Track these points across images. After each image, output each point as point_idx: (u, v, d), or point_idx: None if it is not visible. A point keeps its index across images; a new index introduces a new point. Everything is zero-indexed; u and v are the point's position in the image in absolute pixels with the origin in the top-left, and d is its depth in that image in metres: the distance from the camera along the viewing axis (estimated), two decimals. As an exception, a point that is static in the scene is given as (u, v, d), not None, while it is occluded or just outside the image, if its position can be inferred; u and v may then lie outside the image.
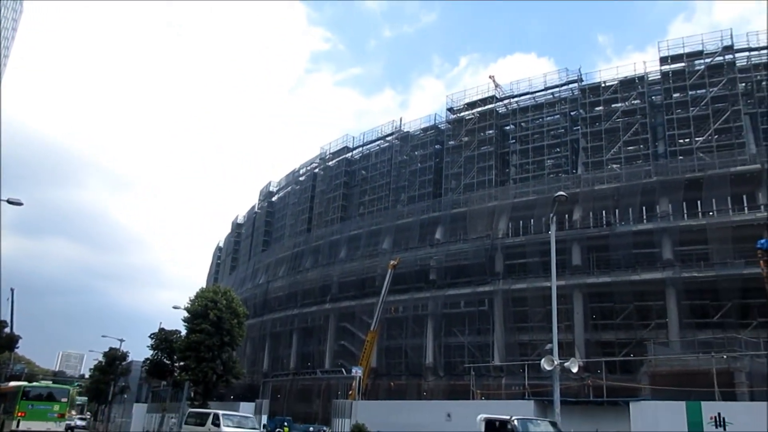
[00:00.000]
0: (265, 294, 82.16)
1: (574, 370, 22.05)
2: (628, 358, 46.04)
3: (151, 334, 51.42)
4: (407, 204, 69.86)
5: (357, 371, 47.12)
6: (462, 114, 69.89)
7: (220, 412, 28.57)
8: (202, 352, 39.89)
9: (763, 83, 56.06)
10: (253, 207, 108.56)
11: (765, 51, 56.05)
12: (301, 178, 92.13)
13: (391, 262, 57.36)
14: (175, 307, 43.60)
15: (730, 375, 34.02)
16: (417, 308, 61.35)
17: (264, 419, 43.92)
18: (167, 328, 52.62)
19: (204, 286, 51.15)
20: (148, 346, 51.12)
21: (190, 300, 42.22)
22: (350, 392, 47.93)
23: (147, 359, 53.87)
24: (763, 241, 33.88)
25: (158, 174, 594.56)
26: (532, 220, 56.77)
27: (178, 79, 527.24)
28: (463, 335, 57.91)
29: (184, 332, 43.62)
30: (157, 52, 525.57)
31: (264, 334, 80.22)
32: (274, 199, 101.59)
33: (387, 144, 77.36)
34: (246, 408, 42.32)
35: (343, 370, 54.51)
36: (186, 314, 41.54)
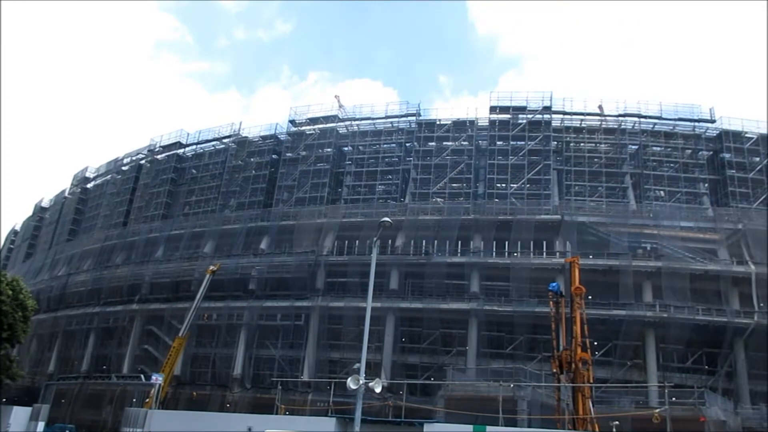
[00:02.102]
0: (64, 288, 74.47)
1: (378, 390, 22.76)
2: (429, 381, 48.70)
3: None
4: (236, 210, 67.99)
5: (157, 378, 44.31)
6: (303, 128, 70.10)
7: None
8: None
9: (571, 144, 63.31)
10: (63, 191, 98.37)
11: (576, 116, 63.61)
12: (124, 168, 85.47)
13: (211, 268, 55.23)
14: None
15: (514, 402, 37.32)
16: (232, 317, 59.57)
17: (40, 426, 39.44)
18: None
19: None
20: None
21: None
22: (147, 400, 44.93)
23: None
24: (554, 284, 37.90)
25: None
26: (357, 241, 58.25)
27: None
28: (276, 348, 57.28)
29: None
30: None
31: (55, 332, 72.52)
32: (89, 185, 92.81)
33: (223, 146, 74.93)
34: (20, 414, 37.71)
35: (142, 376, 51.03)
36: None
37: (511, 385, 35.94)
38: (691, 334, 48.01)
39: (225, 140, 74.73)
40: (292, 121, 70.65)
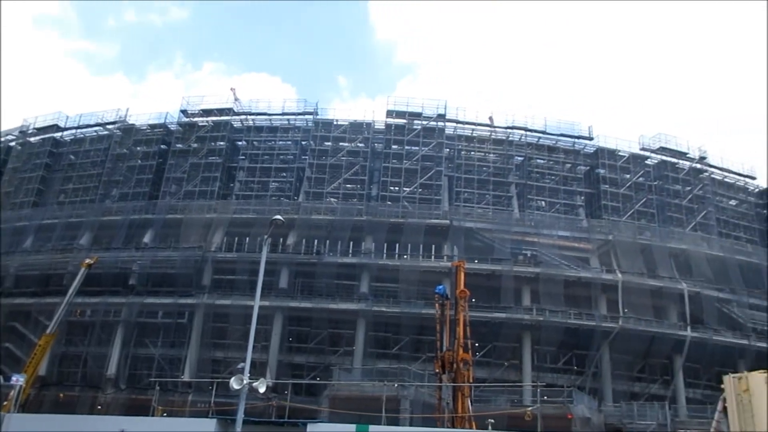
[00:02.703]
0: None
1: (262, 390, 22.34)
2: (315, 381, 48.57)
3: None
4: (118, 201, 64.26)
5: (18, 379, 40.78)
6: (196, 119, 67.55)
7: None
8: None
9: (463, 152, 65.66)
10: None
11: (468, 125, 66.04)
12: (-10, 149, 78.33)
13: (87, 260, 51.66)
14: None
15: (398, 401, 38.03)
16: (108, 314, 56.17)
17: None
18: None
19: None
20: None
21: None
22: (5, 403, 41.31)
23: None
24: (441, 287, 39.08)
25: None
26: (247, 238, 56.94)
27: None
28: (156, 347, 54.75)
29: None
30: None
31: None
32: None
33: (107, 132, 70.52)
34: None
35: (0, 377, 46.87)
36: None
37: (396, 385, 36.59)
38: (564, 337, 51.21)
39: (109, 126, 70.33)
40: (183, 111, 67.83)
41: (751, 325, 55.58)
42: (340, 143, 64.22)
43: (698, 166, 68.43)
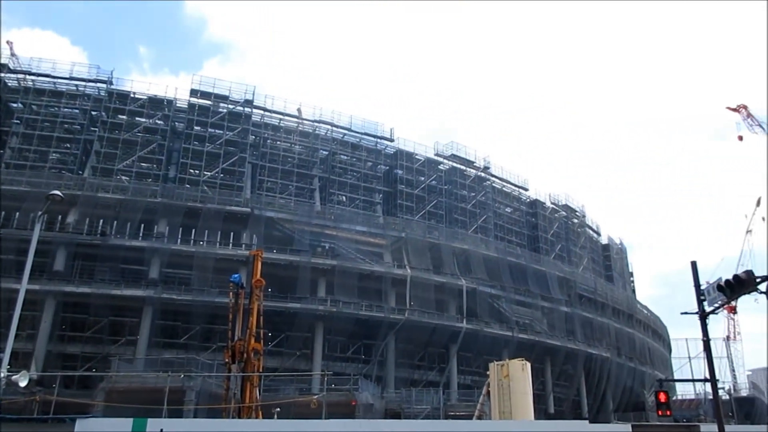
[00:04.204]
0: None
1: (23, 384, 20.06)
2: (89, 373, 44.60)
3: None
4: None
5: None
6: (-42, 71, 58.14)
7: None
8: None
9: (269, 141, 65.00)
10: None
11: (276, 114, 65.52)
12: None
13: None
14: None
15: (183, 393, 36.50)
16: None
17: None
18: None
19: None
20: None
21: None
22: None
23: None
24: (236, 276, 38.19)
25: None
26: (17, 213, 50.33)
27: None
28: None
29: None
30: None
31: None
32: None
33: None
34: None
35: None
36: None
37: (182, 376, 35.10)
38: (354, 327, 53.33)
39: None
40: (-57, 61, 58.03)
41: (516, 319, 63.08)
42: (137, 118, 59.61)
43: (482, 174, 75.75)
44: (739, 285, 19.28)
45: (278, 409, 33.20)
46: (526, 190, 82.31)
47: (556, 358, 64.33)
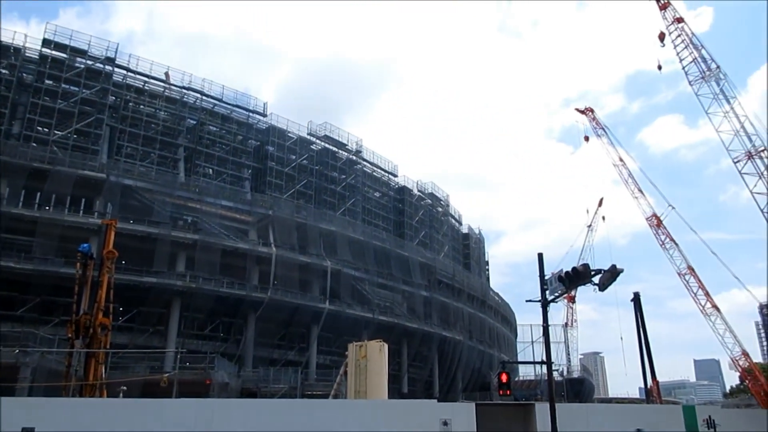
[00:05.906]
0: None
1: None
2: None
3: None
4: None
5: None
6: None
7: None
8: None
9: (131, 104, 60.74)
10: None
11: (141, 77, 61.35)
12: None
13: None
14: None
15: (17, 369, 33.52)
16: None
17: None
18: None
19: None
20: None
21: None
22: None
23: None
24: (86, 245, 35.47)
25: None
26: None
27: None
28: None
29: None
30: None
31: None
32: None
33: None
34: None
35: None
36: None
37: (16, 351, 32.19)
38: (214, 305, 51.78)
39: None
40: None
41: (377, 301, 64.64)
42: (-22, 65, 53.21)
43: (354, 157, 76.34)
44: (577, 276, 21.08)
45: (124, 387, 31.50)
46: (395, 176, 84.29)
47: (413, 340, 66.85)
